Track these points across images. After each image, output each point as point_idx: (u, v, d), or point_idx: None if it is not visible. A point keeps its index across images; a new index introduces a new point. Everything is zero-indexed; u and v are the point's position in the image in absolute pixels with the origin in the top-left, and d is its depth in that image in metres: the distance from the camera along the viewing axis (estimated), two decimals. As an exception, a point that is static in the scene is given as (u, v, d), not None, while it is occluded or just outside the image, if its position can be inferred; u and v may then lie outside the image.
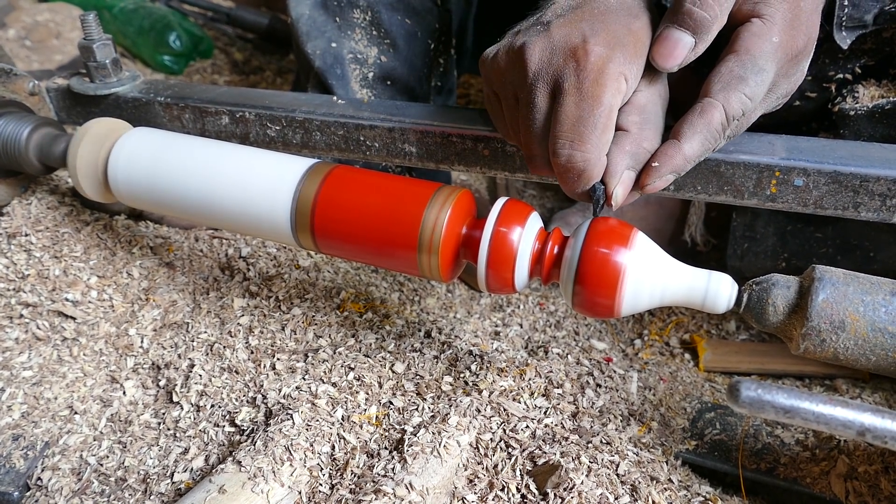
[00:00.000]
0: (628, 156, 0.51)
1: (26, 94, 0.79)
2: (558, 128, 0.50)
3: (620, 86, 0.49)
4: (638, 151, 0.51)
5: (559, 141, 0.50)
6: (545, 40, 0.51)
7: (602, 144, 0.50)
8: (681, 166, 0.51)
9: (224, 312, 0.74)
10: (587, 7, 0.52)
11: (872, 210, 0.56)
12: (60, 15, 1.51)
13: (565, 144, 0.50)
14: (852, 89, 0.65)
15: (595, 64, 0.49)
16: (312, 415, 0.60)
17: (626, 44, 0.49)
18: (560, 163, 0.51)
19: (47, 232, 0.77)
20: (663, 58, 0.50)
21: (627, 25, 0.50)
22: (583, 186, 0.51)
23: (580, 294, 0.51)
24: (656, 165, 0.51)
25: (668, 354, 0.81)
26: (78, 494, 0.59)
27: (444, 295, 0.85)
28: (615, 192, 0.51)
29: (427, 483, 0.53)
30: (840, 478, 0.57)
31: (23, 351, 0.69)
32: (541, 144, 0.53)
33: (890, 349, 0.46)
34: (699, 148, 0.50)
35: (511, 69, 0.54)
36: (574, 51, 0.49)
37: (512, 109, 0.56)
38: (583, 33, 0.50)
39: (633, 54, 0.49)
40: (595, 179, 0.51)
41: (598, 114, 0.49)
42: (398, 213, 0.55)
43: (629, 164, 0.51)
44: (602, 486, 0.54)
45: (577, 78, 0.49)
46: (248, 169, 0.61)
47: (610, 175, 0.51)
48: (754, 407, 0.39)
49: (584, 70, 0.49)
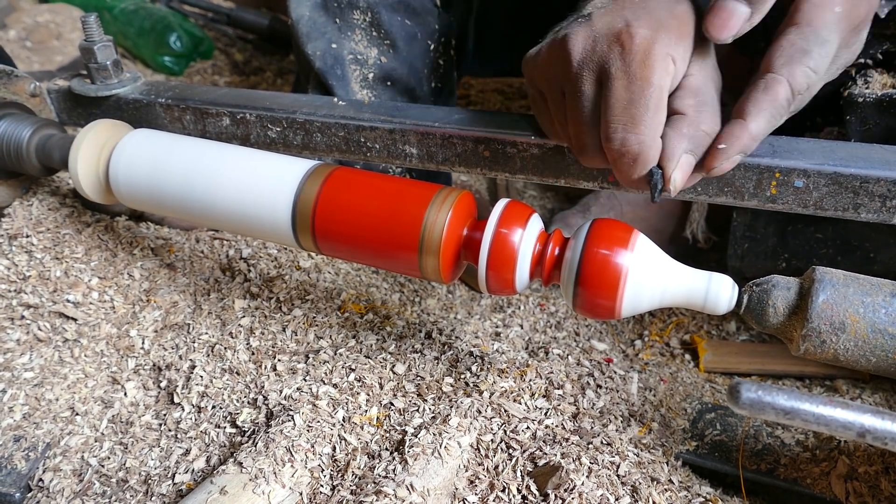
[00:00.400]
0: (686, 139, 0.50)
1: (27, 96, 0.79)
2: (609, 112, 0.49)
3: (668, 66, 0.48)
4: (697, 134, 0.50)
5: (611, 125, 0.49)
6: (587, 29, 0.51)
7: (656, 125, 0.49)
8: (748, 146, 0.50)
9: (225, 313, 0.74)
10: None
11: (873, 211, 0.56)
12: (61, 16, 1.51)
13: (618, 128, 0.49)
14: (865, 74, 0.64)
15: (641, 45, 0.48)
16: (313, 416, 0.60)
17: (670, 26, 0.48)
18: (614, 148, 0.50)
19: (48, 233, 0.77)
20: (717, 28, 0.49)
21: (670, 10, 0.49)
22: (639, 171, 0.50)
23: (581, 295, 0.51)
24: (723, 147, 0.50)
25: (668, 355, 0.81)
26: (79, 496, 0.59)
27: (445, 296, 0.85)
28: (673, 177, 0.50)
29: (428, 484, 0.53)
30: (840, 478, 0.57)
31: (24, 352, 0.69)
32: (592, 133, 0.52)
33: (890, 350, 0.46)
34: (765, 125, 0.49)
35: (554, 63, 0.53)
36: (618, 35, 0.49)
37: (558, 104, 0.55)
38: (625, 18, 0.49)
39: (678, 36, 0.48)
40: (651, 163, 0.50)
41: (648, 94, 0.48)
42: (399, 215, 0.55)
43: (687, 147, 0.50)
44: (603, 486, 0.54)
45: (624, 61, 0.48)
46: (249, 170, 0.61)
47: (667, 159, 0.50)
48: (754, 408, 0.39)
49: (630, 53, 0.48)
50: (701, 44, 0.51)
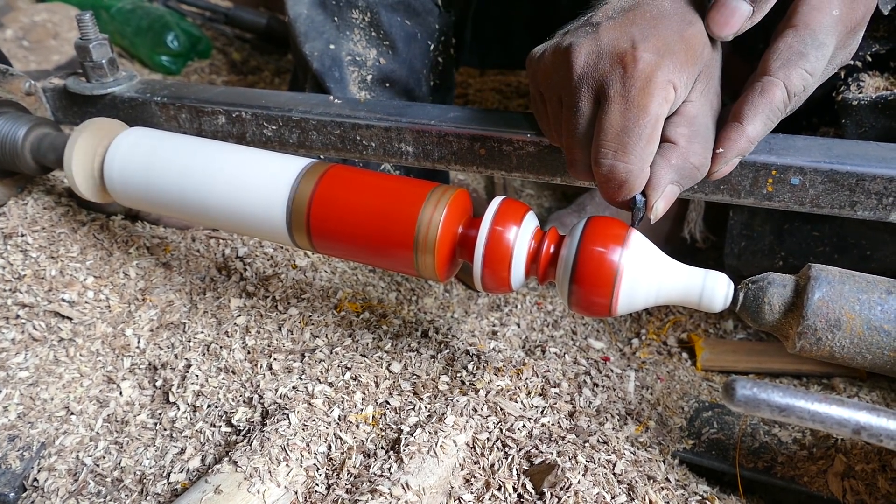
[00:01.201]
0: (673, 170, 0.50)
1: (23, 94, 0.78)
2: (602, 136, 0.49)
3: (668, 94, 0.48)
4: (684, 166, 0.50)
5: (602, 150, 0.49)
6: (593, 43, 0.50)
7: (646, 156, 0.49)
8: (745, 148, 0.50)
9: (221, 312, 0.74)
10: (640, 10, 0.50)
11: (869, 209, 0.56)
12: (58, 15, 1.51)
13: (608, 154, 0.49)
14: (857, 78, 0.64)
15: (643, 71, 0.47)
16: (309, 415, 0.60)
17: (676, 51, 0.48)
18: (602, 172, 0.50)
19: (44, 232, 0.77)
20: (719, 26, 0.49)
21: (680, 32, 0.49)
22: (623, 196, 0.50)
23: (576, 293, 0.50)
24: (721, 151, 0.50)
25: (665, 354, 0.81)
26: (74, 495, 0.59)
27: (442, 295, 0.85)
28: (656, 206, 0.50)
29: (423, 483, 0.53)
30: (837, 476, 0.57)
31: (19, 352, 0.69)
32: (583, 150, 0.52)
33: (886, 347, 0.46)
34: (762, 128, 0.50)
35: (556, 70, 0.53)
36: (622, 56, 0.48)
37: (556, 111, 0.55)
38: (632, 38, 0.48)
39: (683, 62, 0.48)
40: (637, 191, 0.50)
41: (643, 124, 0.47)
42: (394, 213, 0.55)
43: (673, 178, 0.50)
44: (599, 485, 0.54)
45: (624, 85, 0.48)
46: (245, 168, 0.61)
47: (652, 188, 0.50)
48: (750, 405, 0.39)
49: (630, 77, 0.47)
50: (707, 67, 0.51)
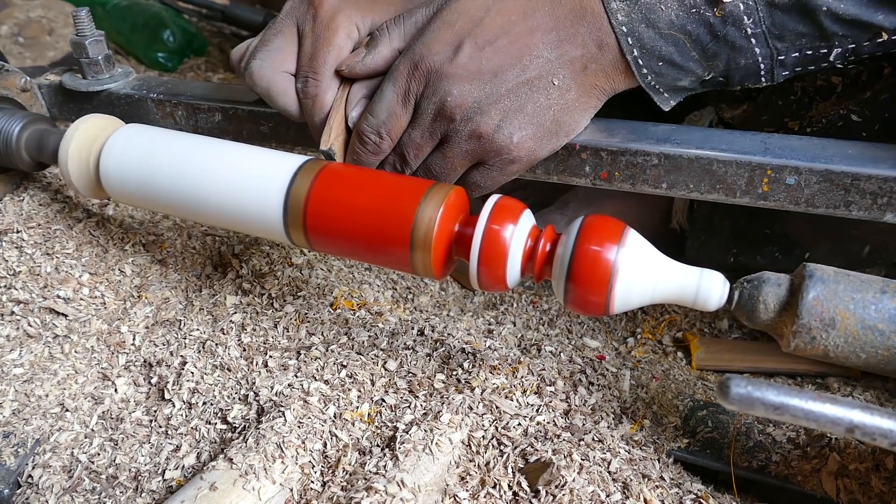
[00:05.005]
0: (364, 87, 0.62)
1: (18, 91, 0.78)
2: (299, 62, 0.62)
3: (351, 32, 0.61)
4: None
5: (300, 73, 0.62)
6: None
7: (331, 77, 0.61)
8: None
9: (216, 310, 0.74)
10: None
11: (864, 208, 0.56)
12: (53, 11, 1.50)
13: (304, 75, 0.61)
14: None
15: (327, 13, 0.60)
16: (304, 412, 0.60)
17: (360, 3, 0.61)
18: (299, 89, 0.62)
19: (39, 229, 0.76)
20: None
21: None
22: (318, 114, 0.61)
23: (572, 291, 0.51)
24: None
25: (660, 353, 0.81)
26: (69, 492, 0.59)
27: (438, 293, 0.85)
28: (351, 114, 0.61)
29: (419, 480, 0.53)
30: (831, 475, 0.57)
31: (14, 348, 0.69)
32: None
33: (880, 346, 0.46)
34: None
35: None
36: (312, 1, 0.61)
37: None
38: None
39: (366, 9, 0.61)
40: (327, 107, 0.61)
41: (327, 51, 0.60)
42: (391, 210, 0.55)
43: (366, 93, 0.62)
44: (594, 483, 0.54)
45: (314, 23, 0.61)
46: (241, 165, 0.61)
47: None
48: (744, 404, 0.39)
49: (318, 18, 0.61)
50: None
